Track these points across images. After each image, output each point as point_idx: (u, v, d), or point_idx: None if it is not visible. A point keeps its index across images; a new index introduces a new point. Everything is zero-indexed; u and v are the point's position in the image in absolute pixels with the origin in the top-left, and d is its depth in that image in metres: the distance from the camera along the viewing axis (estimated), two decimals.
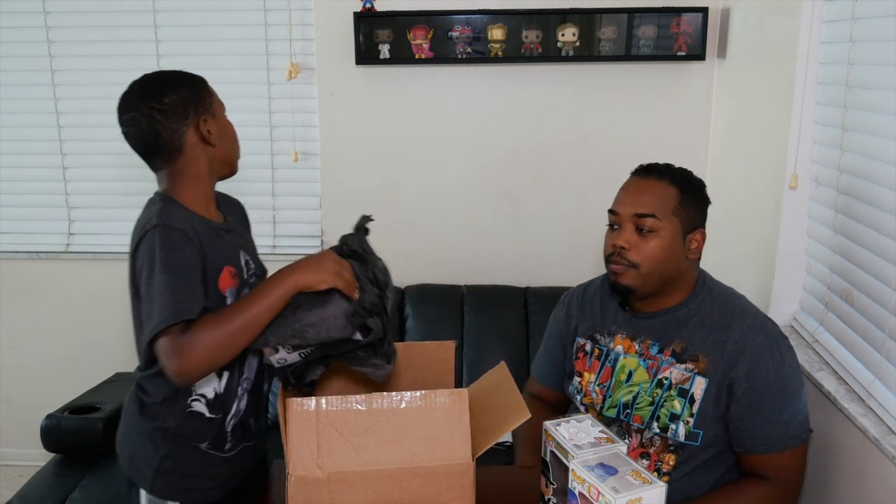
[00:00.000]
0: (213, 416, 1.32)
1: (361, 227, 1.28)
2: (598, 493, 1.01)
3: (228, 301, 1.28)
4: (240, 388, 1.35)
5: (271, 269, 1.28)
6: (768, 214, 1.84)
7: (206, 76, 2.75)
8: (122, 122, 1.29)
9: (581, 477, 1.05)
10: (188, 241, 1.20)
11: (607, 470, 1.04)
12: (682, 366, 1.34)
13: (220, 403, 1.32)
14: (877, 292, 1.44)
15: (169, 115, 1.26)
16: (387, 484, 1.13)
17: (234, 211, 1.50)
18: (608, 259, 1.37)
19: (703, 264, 1.44)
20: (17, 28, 2.44)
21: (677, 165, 1.41)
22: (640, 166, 1.42)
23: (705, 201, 1.40)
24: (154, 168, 1.34)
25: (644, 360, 1.38)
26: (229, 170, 1.41)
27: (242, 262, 1.35)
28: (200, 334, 1.12)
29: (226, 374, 1.32)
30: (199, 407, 1.31)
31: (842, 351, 1.55)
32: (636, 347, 1.40)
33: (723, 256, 2.20)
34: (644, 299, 1.39)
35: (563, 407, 1.58)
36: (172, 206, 1.27)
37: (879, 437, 1.30)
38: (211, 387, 1.31)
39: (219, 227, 1.33)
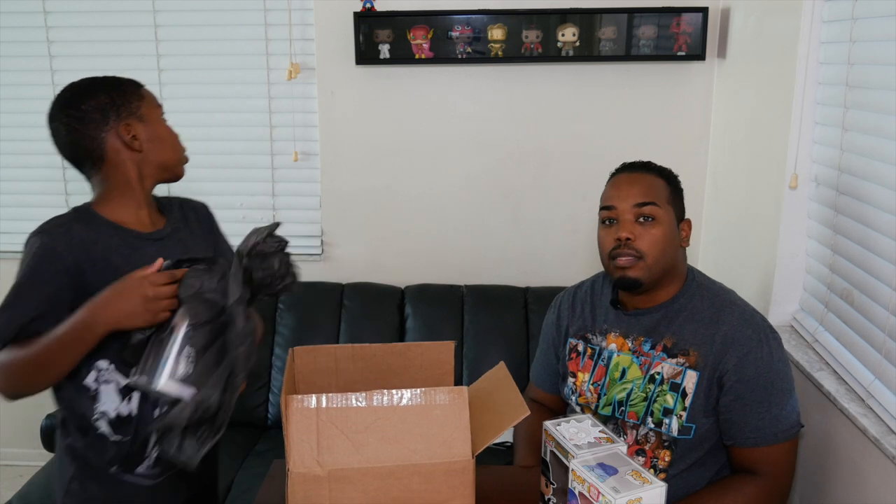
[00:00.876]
0: (119, 437, 1.26)
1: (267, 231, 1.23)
2: (598, 493, 1.01)
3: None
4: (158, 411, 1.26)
5: None
6: (768, 214, 1.84)
7: (206, 76, 2.77)
8: (50, 132, 1.26)
9: (581, 477, 1.05)
10: (55, 263, 1.17)
11: (607, 470, 1.04)
12: (674, 360, 1.35)
13: (127, 425, 1.25)
14: (877, 292, 1.44)
15: (86, 122, 1.22)
16: (387, 481, 1.13)
17: (185, 215, 1.45)
18: (611, 254, 1.37)
19: (704, 264, 1.44)
20: (17, 28, 2.44)
21: (667, 164, 1.45)
22: (624, 164, 1.46)
23: (682, 193, 1.45)
24: (86, 177, 1.30)
25: (637, 357, 1.39)
26: (169, 174, 1.35)
27: None
28: (2, 359, 1.14)
29: (135, 395, 1.25)
30: (102, 426, 1.25)
31: (842, 351, 1.56)
32: (629, 345, 1.41)
33: (723, 256, 2.20)
34: (643, 294, 1.39)
35: (562, 411, 1.59)
36: (72, 215, 1.25)
37: (879, 437, 1.30)
38: (112, 405, 1.24)
39: (144, 237, 1.28)
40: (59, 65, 2.47)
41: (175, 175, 1.36)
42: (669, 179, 1.41)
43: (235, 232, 2.54)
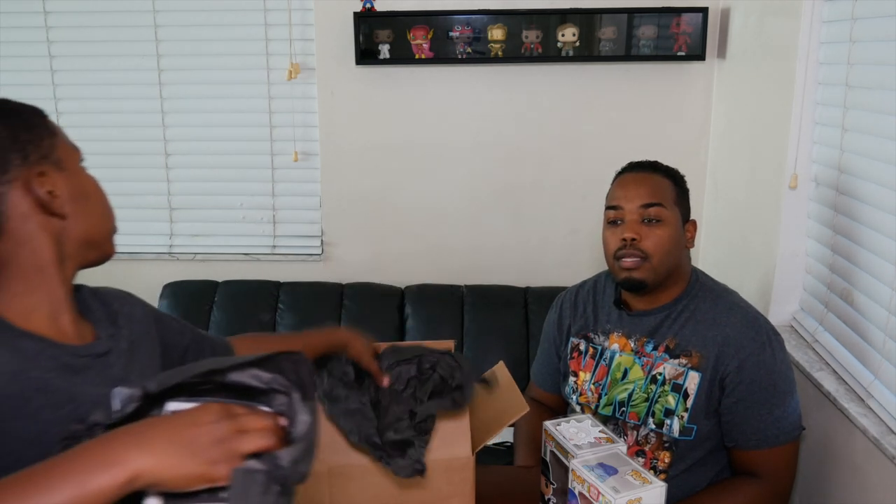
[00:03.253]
0: None
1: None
2: (598, 493, 1.01)
3: None
4: None
5: (272, 269, 1.19)
6: (768, 214, 1.84)
7: (206, 76, 2.77)
8: None
9: (581, 477, 1.05)
10: None
11: (607, 470, 1.04)
12: (676, 361, 1.34)
13: None
14: (877, 292, 1.44)
15: None
16: (387, 478, 1.13)
17: (111, 316, 0.96)
18: (616, 255, 1.37)
19: (704, 264, 1.44)
20: (17, 28, 2.44)
21: (668, 164, 1.45)
22: (630, 163, 1.45)
23: (688, 194, 1.45)
24: None
25: (639, 358, 1.39)
26: (98, 253, 0.91)
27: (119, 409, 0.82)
28: None
29: None
30: None
31: (842, 351, 1.56)
32: (631, 345, 1.41)
33: (723, 256, 2.20)
34: (647, 295, 1.39)
35: (562, 410, 1.59)
36: None
37: (879, 437, 1.30)
38: None
39: (77, 354, 0.84)
40: (59, 65, 2.46)
41: (104, 255, 0.92)
42: (676, 180, 1.41)
43: (235, 232, 2.57)
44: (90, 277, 0.95)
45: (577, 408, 1.48)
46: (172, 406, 0.68)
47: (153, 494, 0.62)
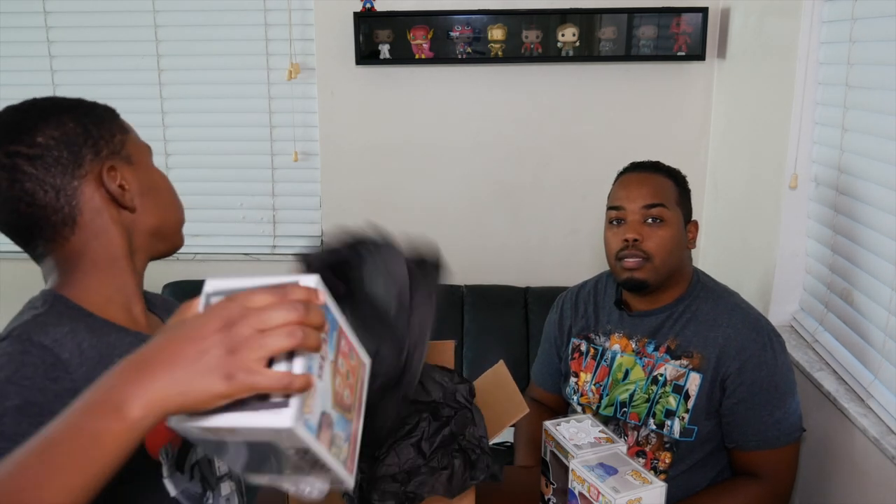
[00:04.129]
0: None
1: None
2: (598, 493, 1.01)
3: (165, 470, 0.86)
4: None
5: (272, 269, 1.21)
6: (768, 214, 1.84)
7: (206, 76, 2.77)
8: None
9: (581, 477, 1.05)
10: (53, 372, 0.73)
11: (607, 470, 1.04)
12: (677, 362, 1.34)
13: None
14: (877, 292, 1.44)
15: (46, 163, 0.81)
16: None
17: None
18: (618, 255, 1.37)
19: (704, 264, 1.44)
20: (17, 28, 2.44)
21: (669, 164, 1.45)
22: (633, 163, 1.45)
23: (690, 194, 1.45)
24: (35, 255, 0.88)
25: (640, 358, 1.39)
26: (167, 244, 0.95)
27: None
28: None
29: None
30: None
31: (842, 351, 1.56)
32: (633, 346, 1.41)
33: (723, 256, 2.20)
34: (648, 295, 1.39)
35: (562, 410, 1.59)
36: (59, 308, 0.82)
37: (879, 437, 1.30)
38: None
39: None
40: (59, 65, 2.46)
41: (173, 246, 0.97)
42: (678, 180, 1.41)
43: (235, 232, 2.57)
44: None
45: (578, 408, 1.48)
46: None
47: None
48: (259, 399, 0.53)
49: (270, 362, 0.53)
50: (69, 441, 0.52)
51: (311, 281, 0.59)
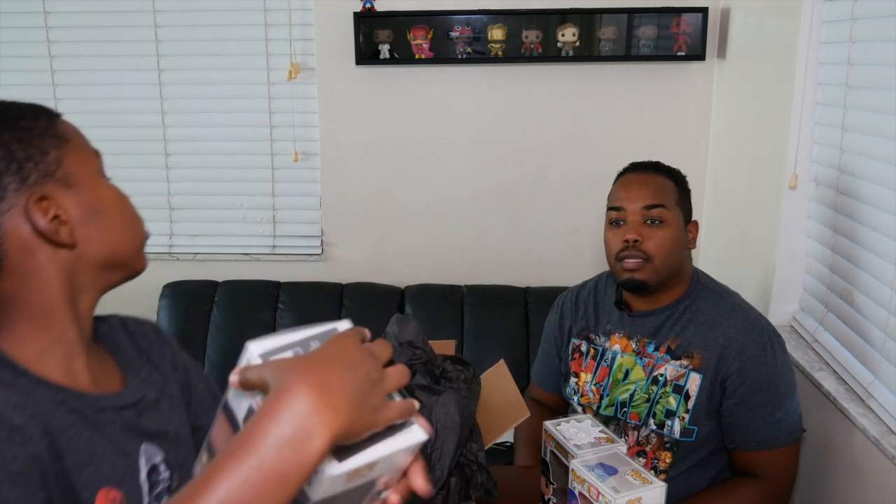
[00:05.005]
0: None
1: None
2: (598, 493, 1.01)
3: None
4: None
5: (272, 269, 1.18)
6: (768, 214, 1.84)
7: (206, 76, 2.77)
8: None
9: (581, 477, 1.05)
10: (18, 445, 0.61)
11: (607, 470, 1.04)
12: (677, 362, 1.34)
13: None
14: (877, 292, 1.44)
15: None
16: None
17: (148, 355, 0.85)
18: (619, 256, 1.37)
19: (704, 263, 1.44)
20: (17, 28, 2.44)
21: (669, 164, 1.44)
22: (633, 163, 1.45)
23: (690, 194, 1.45)
24: None
25: (641, 359, 1.39)
26: (124, 272, 0.79)
27: (143, 473, 0.73)
28: None
29: None
30: None
31: (842, 351, 1.56)
32: (633, 346, 1.41)
33: (723, 256, 2.20)
34: (648, 296, 1.39)
35: (562, 410, 1.59)
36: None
37: (879, 437, 1.30)
38: None
39: (99, 406, 0.72)
40: (59, 65, 2.46)
41: (133, 273, 0.80)
42: (678, 181, 1.41)
43: (235, 232, 2.57)
44: None
45: (579, 408, 1.48)
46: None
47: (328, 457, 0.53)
48: (382, 431, 0.56)
49: None
50: (264, 485, 0.49)
51: (348, 324, 0.62)
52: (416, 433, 0.57)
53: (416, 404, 0.57)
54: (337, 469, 0.53)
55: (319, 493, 0.54)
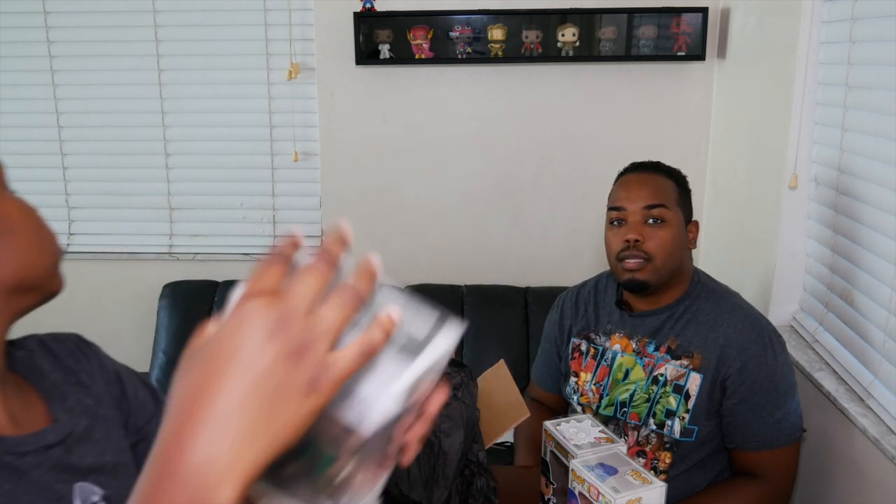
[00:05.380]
0: None
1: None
2: (598, 493, 1.01)
3: None
4: None
5: None
6: (768, 214, 1.84)
7: (206, 76, 2.78)
8: None
9: (581, 477, 1.05)
10: None
11: (607, 470, 1.04)
12: (677, 362, 1.34)
13: None
14: (877, 292, 1.44)
15: None
16: None
17: (76, 377, 0.74)
18: (619, 256, 1.37)
19: (704, 263, 1.44)
20: (17, 28, 2.44)
21: (669, 164, 1.44)
22: (633, 163, 1.45)
23: (691, 194, 1.45)
24: None
25: (641, 359, 1.39)
26: (36, 295, 0.67)
27: None
28: None
29: None
30: None
31: (842, 351, 1.56)
32: (633, 346, 1.41)
33: (723, 256, 2.20)
34: (649, 296, 1.39)
35: (562, 410, 1.59)
36: None
37: (879, 437, 1.30)
38: None
39: (20, 450, 0.63)
40: (59, 65, 2.46)
41: (47, 294, 0.69)
42: (678, 181, 1.41)
43: (235, 232, 2.57)
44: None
45: (579, 408, 1.48)
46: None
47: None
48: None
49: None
50: None
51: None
52: (453, 328, 0.46)
53: (376, 336, 0.42)
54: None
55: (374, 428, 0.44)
